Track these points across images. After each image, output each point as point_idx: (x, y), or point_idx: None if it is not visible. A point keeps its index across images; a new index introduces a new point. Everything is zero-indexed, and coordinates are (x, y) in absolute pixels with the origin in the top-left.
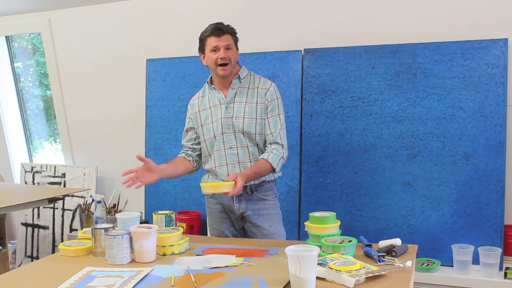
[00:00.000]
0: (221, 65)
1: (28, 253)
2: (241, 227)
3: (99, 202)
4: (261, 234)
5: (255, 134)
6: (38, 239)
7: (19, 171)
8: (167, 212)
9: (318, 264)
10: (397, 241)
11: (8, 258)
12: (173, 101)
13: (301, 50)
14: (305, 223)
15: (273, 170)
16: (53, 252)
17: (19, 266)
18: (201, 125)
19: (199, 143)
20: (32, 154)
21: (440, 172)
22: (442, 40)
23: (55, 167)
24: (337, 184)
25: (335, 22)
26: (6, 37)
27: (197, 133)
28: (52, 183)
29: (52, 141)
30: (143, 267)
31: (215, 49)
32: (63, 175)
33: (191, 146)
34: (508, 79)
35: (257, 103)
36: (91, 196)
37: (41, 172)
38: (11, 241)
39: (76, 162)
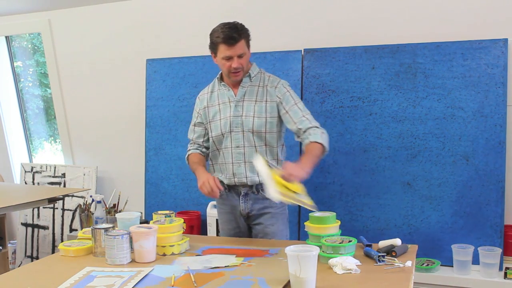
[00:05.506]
0: (233, 72)
1: (28, 253)
2: (246, 228)
3: (99, 202)
4: (262, 232)
5: (265, 133)
6: (38, 239)
7: (19, 171)
8: (167, 212)
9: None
10: (397, 241)
11: (8, 258)
12: (173, 101)
13: (301, 50)
14: (305, 223)
15: (323, 148)
16: (53, 252)
17: (19, 266)
18: (209, 122)
19: (208, 140)
20: (32, 154)
21: (440, 172)
22: (442, 40)
23: (55, 167)
24: (337, 184)
25: (335, 22)
26: (6, 37)
27: (206, 129)
28: (52, 183)
29: (52, 141)
30: (143, 267)
31: (228, 58)
32: (63, 175)
33: (202, 144)
34: (508, 79)
35: (266, 101)
36: (91, 196)
37: (41, 172)
38: (11, 241)
39: (76, 162)
